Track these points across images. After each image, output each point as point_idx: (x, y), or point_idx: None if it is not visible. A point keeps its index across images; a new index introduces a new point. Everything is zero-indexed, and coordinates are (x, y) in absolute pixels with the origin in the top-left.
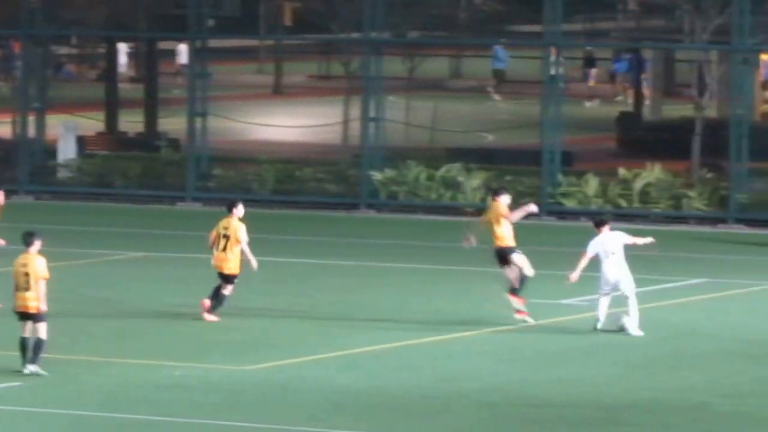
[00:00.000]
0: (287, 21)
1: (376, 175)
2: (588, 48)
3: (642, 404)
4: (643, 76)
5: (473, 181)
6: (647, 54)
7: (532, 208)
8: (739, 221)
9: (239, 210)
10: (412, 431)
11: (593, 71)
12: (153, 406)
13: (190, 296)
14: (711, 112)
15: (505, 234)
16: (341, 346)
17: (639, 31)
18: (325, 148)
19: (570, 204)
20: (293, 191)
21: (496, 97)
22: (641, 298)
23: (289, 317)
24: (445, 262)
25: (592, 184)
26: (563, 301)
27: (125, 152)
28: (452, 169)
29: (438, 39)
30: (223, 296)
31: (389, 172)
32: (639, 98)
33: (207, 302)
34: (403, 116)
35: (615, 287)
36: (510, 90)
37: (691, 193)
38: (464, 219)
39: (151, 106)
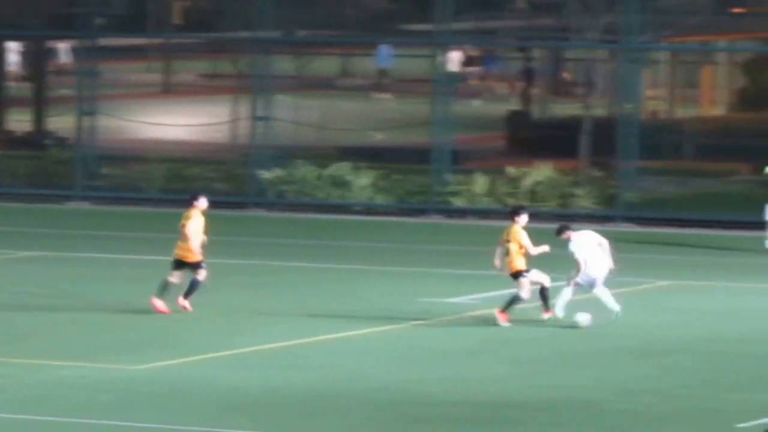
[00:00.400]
0: (176, 19)
1: (265, 174)
2: (466, 47)
3: (530, 402)
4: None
5: (361, 180)
6: (536, 52)
7: (547, 249)
8: (627, 219)
9: (200, 202)
10: (299, 430)
11: (472, 70)
12: (41, 406)
13: (81, 295)
14: (602, 111)
15: (520, 255)
16: (230, 345)
17: (528, 30)
18: (214, 147)
19: (458, 203)
20: (182, 190)
21: (383, 95)
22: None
23: (178, 316)
24: (333, 260)
25: (480, 182)
26: (452, 300)
27: (13, 151)
28: (340, 168)
29: (327, 38)
30: (198, 282)
31: (278, 171)
32: (528, 97)
33: (182, 300)
34: (292, 115)
35: (592, 285)
36: (399, 89)
37: (579, 192)
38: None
39: (39, 105)
